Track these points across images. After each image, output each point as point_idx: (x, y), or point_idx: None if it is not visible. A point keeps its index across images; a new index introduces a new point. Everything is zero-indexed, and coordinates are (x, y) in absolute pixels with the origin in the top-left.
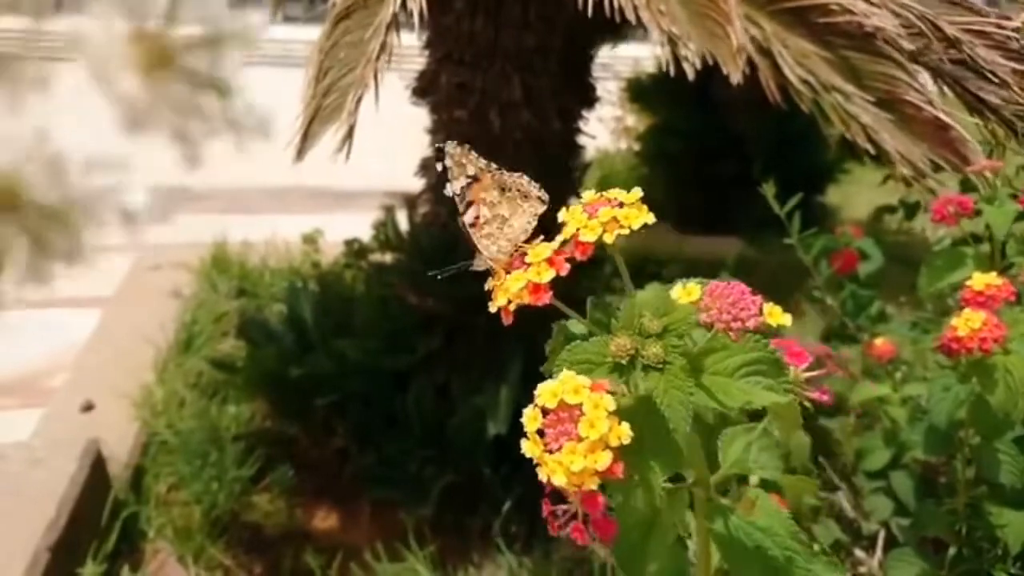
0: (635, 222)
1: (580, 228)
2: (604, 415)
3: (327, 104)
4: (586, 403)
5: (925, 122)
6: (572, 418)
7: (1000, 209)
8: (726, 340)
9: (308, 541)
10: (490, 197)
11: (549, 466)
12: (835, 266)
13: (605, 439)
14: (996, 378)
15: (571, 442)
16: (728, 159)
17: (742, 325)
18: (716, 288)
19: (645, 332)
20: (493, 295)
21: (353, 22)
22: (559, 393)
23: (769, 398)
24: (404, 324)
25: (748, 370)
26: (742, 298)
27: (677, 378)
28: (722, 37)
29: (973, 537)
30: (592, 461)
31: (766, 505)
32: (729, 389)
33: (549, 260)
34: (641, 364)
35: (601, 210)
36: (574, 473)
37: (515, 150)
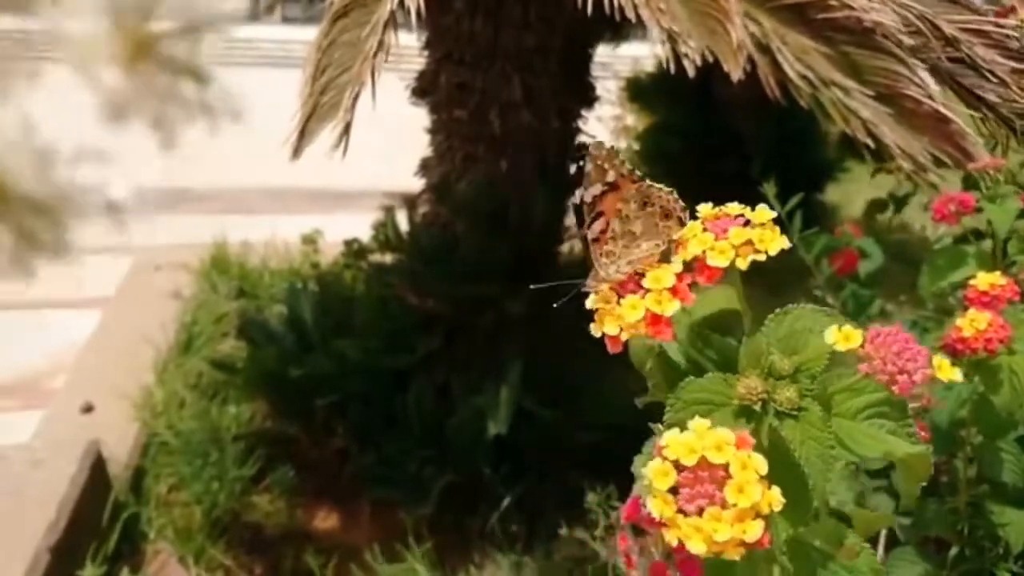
0: (772, 246)
1: (707, 250)
2: (755, 478)
3: (324, 102)
4: (733, 463)
5: (925, 116)
6: (713, 478)
7: (1002, 207)
8: (852, 379)
9: (308, 541)
10: (627, 210)
11: (683, 530)
12: (835, 266)
13: (757, 507)
14: (1001, 378)
15: (715, 507)
16: (728, 158)
17: (909, 379)
18: (878, 335)
19: (776, 372)
20: (598, 317)
21: (351, 20)
22: (698, 448)
23: (905, 448)
24: (404, 324)
25: (872, 412)
26: (907, 347)
27: (814, 427)
28: (722, 34)
29: (975, 536)
30: (740, 531)
31: (856, 545)
32: (859, 436)
33: (672, 288)
34: (774, 410)
35: (733, 230)
36: (718, 543)
37: (515, 150)
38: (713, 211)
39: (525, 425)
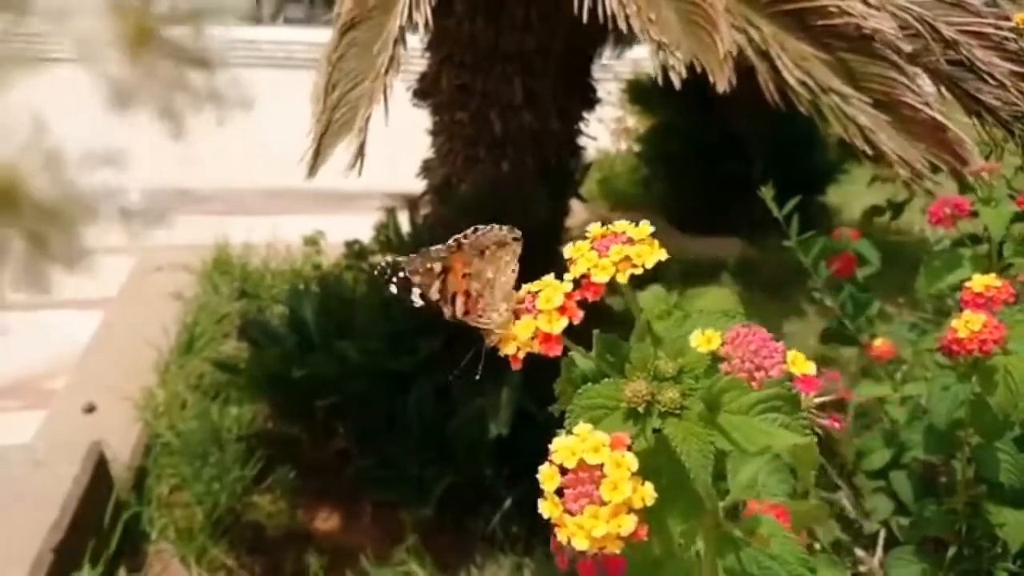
0: (648, 260)
1: (591, 268)
2: (627, 475)
3: (337, 119)
4: (607, 463)
5: (922, 123)
6: (592, 478)
7: (996, 210)
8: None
9: (310, 542)
10: (473, 269)
11: (569, 529)
12: (833, 268)
13: (629, 502)
14: (996, 379)
15: (593, 505)
16: (728, 160)
17: (765, 374)
18: (737, 335)
19: (660, 375)
20: (501, 341)
21: (360, 32)
22: (578, 451)
23: (788, 439)
24: (405, 326)
25: (764, 407)
26: (764, 345)
27: (695, 424)
28: (710, 44)
29: (973, 536)
30: (615, 526)
31: (775, 531)
32: (746, 430)
33: (561, 307)
34: (658, 410)
35: (612, 247)
36: (596, 538)
37: (516, 152)
38: (601, 230)
39: (526, 426)
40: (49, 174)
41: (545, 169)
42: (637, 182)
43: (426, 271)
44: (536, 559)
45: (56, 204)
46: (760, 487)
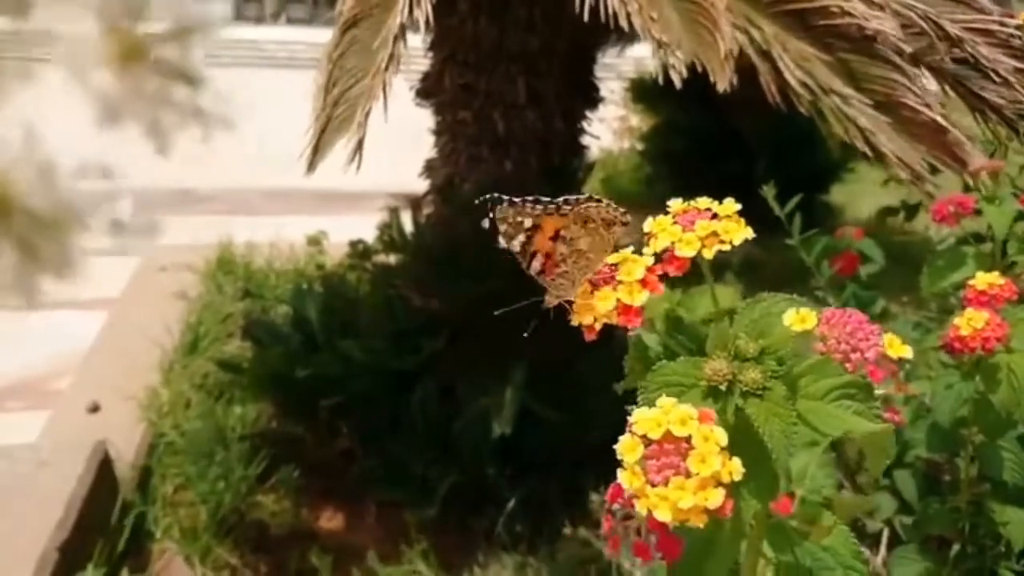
0: (736, 236)
1: (675, 242)
2: (716, 449)
3: (337, 115)
4: (696, 436)
5: (923, 125)
6: (679, 450)
7: (1000, 208)
8: (818, 361)
9: (314, 541)
10: (570, 233)
11: (651, 500)
12: (836, 268)
13: (717, 476)
14: (999, 377)
15: (679, 477)
16: (732, 159)
17: (861, 356)
18: (833, 315)
19: (742, 355)
20: (576, 309)
21: (361, 30)
22: (663, 423)
23: (864, 426)
24: (409, 325)
25: (839, 393)
26: (860, 327)
27: (778, 406)
28: (711, 43)
29: (976, 535)
30: (703, 498)
31: (830, 524)
32: (823, 415)
33: (642, 280)
34: (740, 389)
35: (699, 222)
36: (681, 510)
37: (519, 151)
38: (682, 205)
39: (530, 426)
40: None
41: (548, 168)
42: (640, 181)
43: (515, 223)
44: (539, 558)
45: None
46: (809, 480)
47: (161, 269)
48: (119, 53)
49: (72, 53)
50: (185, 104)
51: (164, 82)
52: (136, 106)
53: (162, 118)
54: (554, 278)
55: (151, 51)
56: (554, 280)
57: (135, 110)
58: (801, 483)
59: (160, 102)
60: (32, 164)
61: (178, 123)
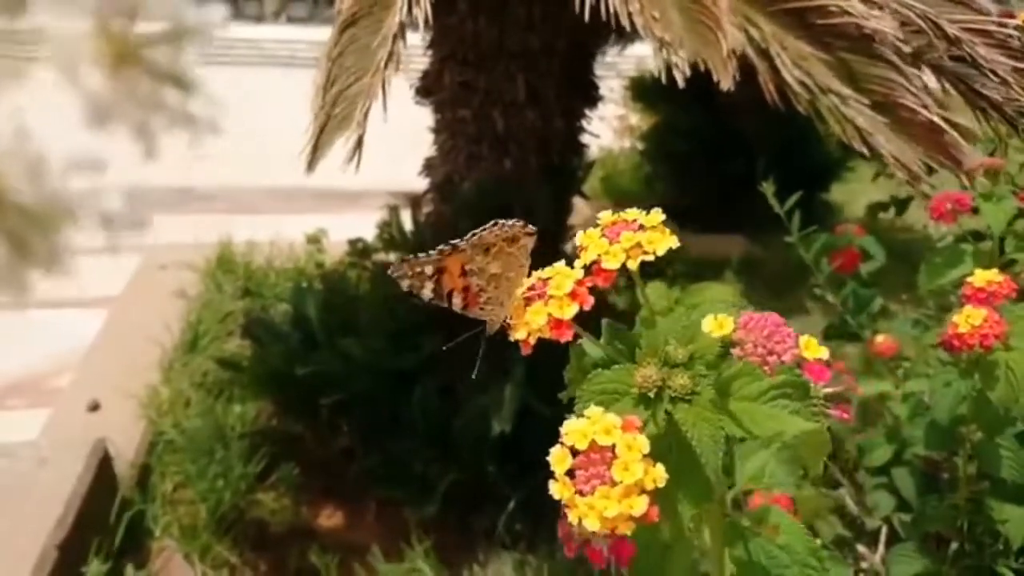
0: (660, 247)
1: (602, 254)
2: (639, 457)
3: (336, 114)
4: (619, 444)
5: (920, 125)
6: (604, 460)
7: (998, 206)
8: (751, 365)
9: (313, 539)
10: (476, 264)
11: (580, 510)
12: (835, 265)
13: (640, 483)
14: (997, 374)
15: (604, 486)
16: (732, 157)
17: (778, 359)
18: (749, 320)
19: (671, 361)
20: (512, 326)
21: (359, 29)
22: (589, 433)
23: (798, 425)
24: (408, 323)
25: (774, 393)
26: (777, 330)
27: (706, 410)
28: (713, 43)
29: (975, 532)
30: (627, 506)
31: (784, 522)
32: (756, 416)
33: (572, 293)
34: (668, 395)
35: (623, 234)
36: (608, 519)
37: (519, 149)
38: (612, 217)
39: (530, 423)
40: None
41: (548, 167)
42: (640, 180)
43: (415, 275)
44: (539, 556)
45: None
46: (768, 478)
47: (161, 268)
48: (111, 54)
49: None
50: (175, 108)
51: (155, 85)
52: (126, 108)
53: (151, 121)
54: (481, 307)
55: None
56: (483, 309)
57: (125, 112)
58: (760, 481)
59: (150, 105)
60: (22, 159)
61: (167, 126)
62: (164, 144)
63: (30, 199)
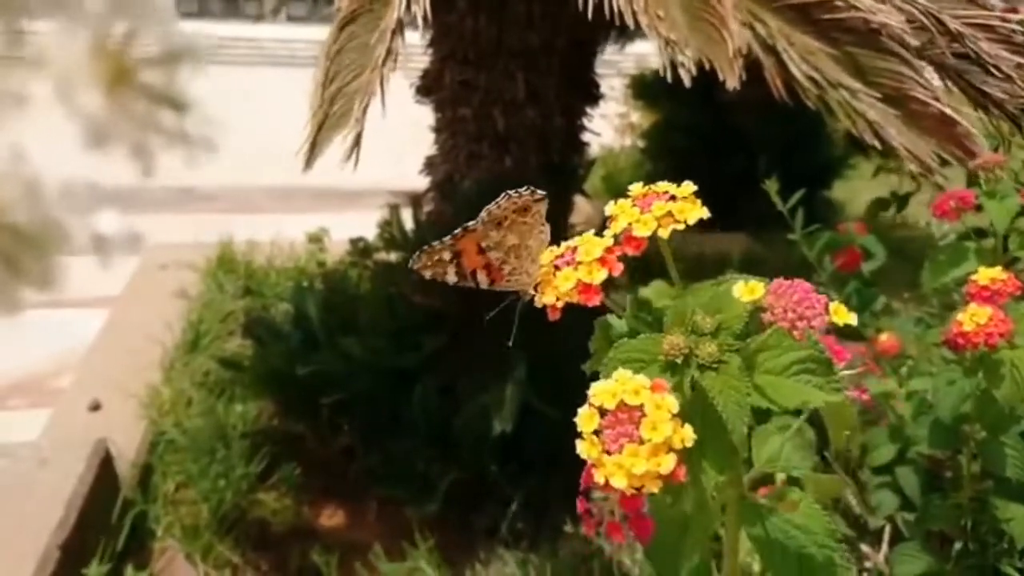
0: (691, 216)
1: (633, 223)
2: (667, 417)
3: (334, 111)
4: (648, 404)
5: (931, 117)
6: (632, 419)
7: (1001, 203)
8: (777, 337)
9: (315, 538)
10: (491, 240)
11: (608, 468)
12: (838, 263)
13: (669, 442)
14: (1002, 373)
15: (632, 444)
16: (733, 155)
17: (807, 324)
18: (779, 286)
19: (698, 330)
20: (539, 290)
21: (358, 26)
22: (618, 393)
23: (824, 398)
24: (410, 323)
25: (799, 368)
26: (807, 297)
27: (734, 378)
28: (719, 42)
29: (979, 531)
30: (655, 464)
31: (803, 502)
32: (781, 388)
33: (601, 259)
34: (696, 363)
35: (655, 204)
36: (635, 476)
37: (519, 148)
38: (642, 189)
39: (531, 423)
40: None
41: (548, 165)
42: (641, 178)
43: (435, 263)
44: (541, 555)
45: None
46: (783, 461)
47: (162, 267)
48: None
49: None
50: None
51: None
52: (122, 128)
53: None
54: (508, 279)
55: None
56: (509, 281)
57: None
58: (775, 465)
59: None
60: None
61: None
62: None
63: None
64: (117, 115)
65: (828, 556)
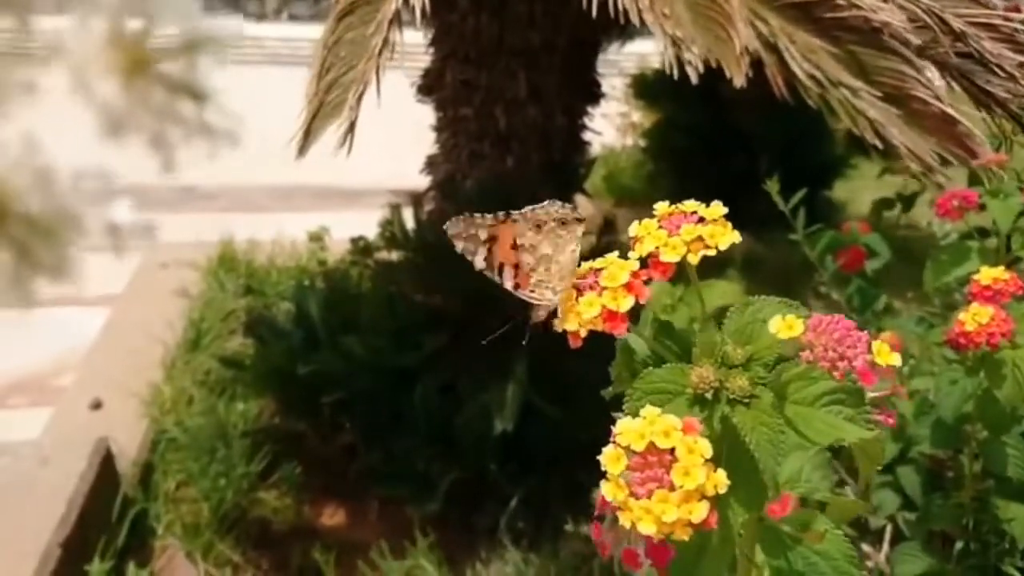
0: (723, 242)
1: (660, 247)
2: (700, 462)
3: (329, 100)
4: (680, 448)
5: (932, 117)
6: (662, 462)
7: (1004, 203)
8: (807, 367)
9: (316, 537)
10: (527, 240)
11: (635, 513)
12: (841, 262)
13: (702, 489)
14: (1004, 372)
15: (663, 490)
16: (735, 155)
17: (849, 364)
18: (820, 322)
19: (729, 361)
20: (561, 315)
21: (356, 18)
22: (647, 434)
23: (857, 434)
24: (410, 321)
25: (829, 399)
26: (848, 335)
27: (765, 414)
28: (725, 39)
29: (980, 531)
30: (686, 512)
31: (824, 527)
32: (813, 422)
33: (627, 285)
34: (726, 397)
35: (684, 226)
36: (665, 524)
37: (521, 147)
38: (668, 208)
39: (532, 422)
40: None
41: (550, 164)
42: (642, 177)
43: (469, 236)
44: (542, 554)
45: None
46: (804, 482)
47: (162, 266)
48: (125, 65)
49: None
50: (191, 119)
51: (170, 96)
52: (140, 119)
53: (167, 132)
54: (532, 290)
55: (157, 65)
56: (532, 292)
57: (139, 123)
58: (795, 486)
59: (165, 116)
60: (31, 170)
61: (183, 137)
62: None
63: (37, 210)
64: (134, 105)
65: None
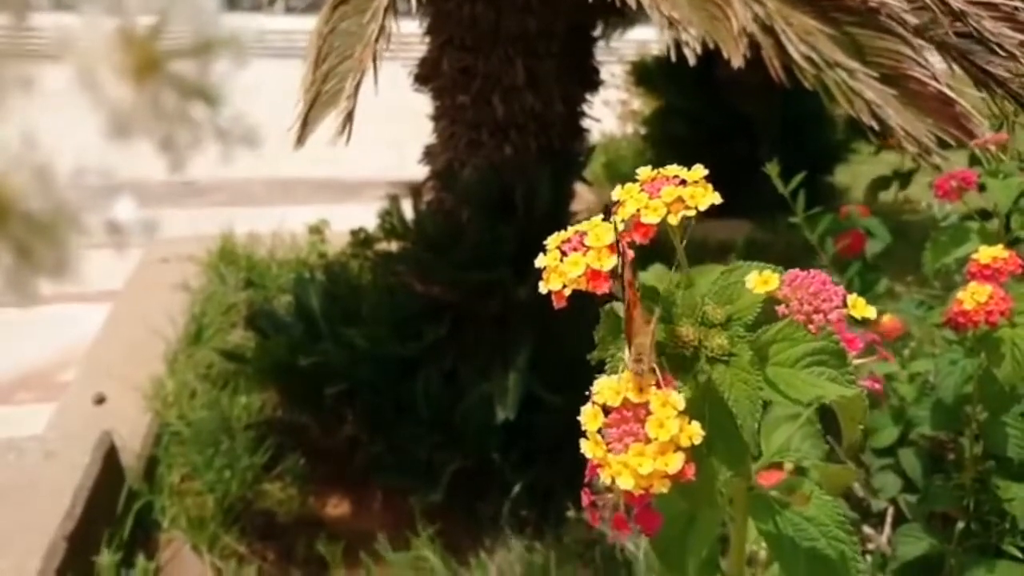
0: (702, 201)
1: (641, 208)
2: (674, 414)
3: (326, 89)
4: (653, 401)
5: (930, 97)
6: (637, 417)
7: (1004, 183)
8: (789, 328)
9: (320, 528)
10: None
11: (613, 468)
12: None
13: (676, 440)
14: (1003, 352)
15: (638, 443)
16: (735, 141)
17: (824, 318)
18: (795, 277)
19: (708, 321)
20: (545, 275)
21: (351, 7)
22: (622, 390)
23: (838, 391)
24: (411, 312)
25: (811, 360)
26: (823, 288)
27: (744, 371)
28: (723, 20)
29: (981, 511)
30: (663, 463)
31: (812, 493)
32: (794, 381)
33: (611, 246)
34: (705, 356)
35: (664, 189)
36: (642, 476)
37: (519, 134)
38: (651, 173)
39: (534, 410)
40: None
41: (549, 152)
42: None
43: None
44: (546, 542)
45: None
46: (793, 451)
47: (163, 260)
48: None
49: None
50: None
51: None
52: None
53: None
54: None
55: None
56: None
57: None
58: (785, 455)
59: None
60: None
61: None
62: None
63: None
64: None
65: (840, 551)
